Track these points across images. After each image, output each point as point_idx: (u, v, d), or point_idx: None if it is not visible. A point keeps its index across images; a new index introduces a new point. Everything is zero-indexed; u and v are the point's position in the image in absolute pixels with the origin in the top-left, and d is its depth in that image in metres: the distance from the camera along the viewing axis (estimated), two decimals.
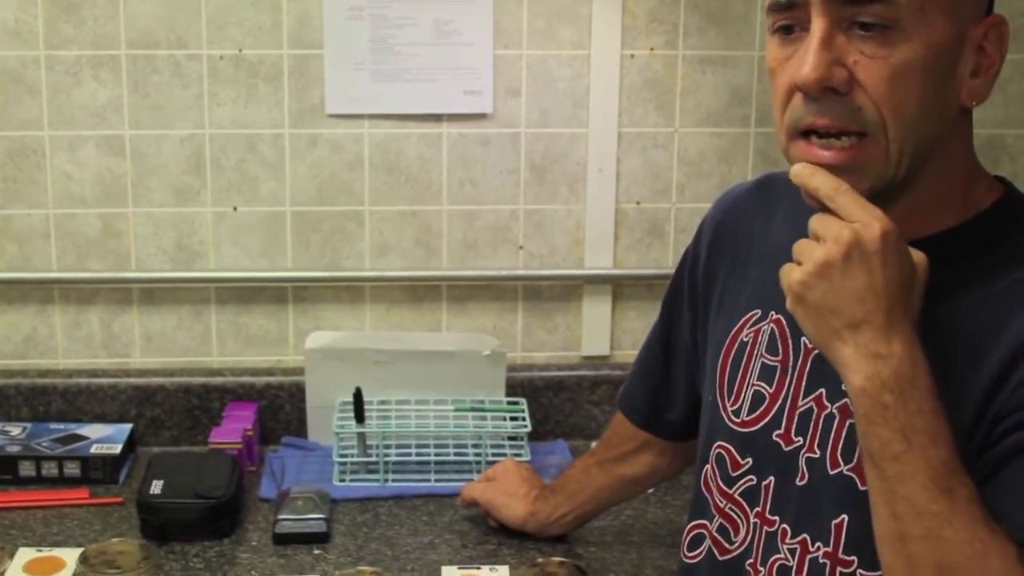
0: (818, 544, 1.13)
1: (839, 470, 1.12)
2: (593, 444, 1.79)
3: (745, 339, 1.24)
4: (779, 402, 1.18)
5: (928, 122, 1.03)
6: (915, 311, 1.02)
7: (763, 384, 1.21)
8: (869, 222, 1.00)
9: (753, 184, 1.34)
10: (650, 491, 1.83)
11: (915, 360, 0.99)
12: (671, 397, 1.49)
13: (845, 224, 1.01)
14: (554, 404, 2.11)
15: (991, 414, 1.01)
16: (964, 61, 1.04)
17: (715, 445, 1.25)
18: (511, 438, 1.99)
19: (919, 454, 0.97)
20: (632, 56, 2.03)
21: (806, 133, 1.05)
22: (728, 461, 1.23)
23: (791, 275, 1.03)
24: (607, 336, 2.14)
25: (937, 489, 0.97)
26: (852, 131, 1.03)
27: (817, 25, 1.01)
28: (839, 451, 1.12)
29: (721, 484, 1.24)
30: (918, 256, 1.03)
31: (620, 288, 2.13)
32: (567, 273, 2.11)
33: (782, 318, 1.20)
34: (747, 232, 1.28)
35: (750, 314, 1.24)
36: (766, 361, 1.21)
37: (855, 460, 1.10)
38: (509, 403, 2.04)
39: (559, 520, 1.70)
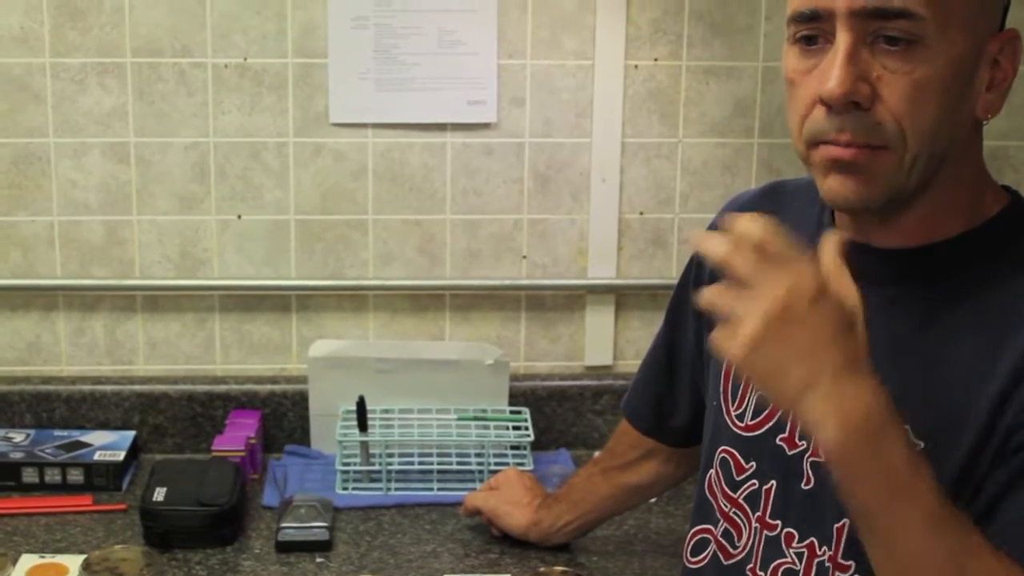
0: (824, 548, 1.13)
1: None
2: (596, 454, 1.79)
3: None
4: None
5: (944, 135, 1.03)
6: (865, 352, 0.96)
7: None
8: (800, 270, 0.95)
9: (759, 192, 1.34)
10: (653, 500, 1.83)
11: (883, 399, 0.95)
12: (675, 403, 1.50)
13: (781, 275, 0.94)
14: (557, 414, 2.11)
15: (1004, 423, 1.00)
16: (980, 75, 1.04)
17: (719, 450, 1.26)
18: (514, 447, 1.99)
19: (907, 499, 0.95)
20: (636, 66, 2.04)
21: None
22: (733, 465, 1.24)
23: (740, 332, 0.94)
24: (610, 346, 2.14)
25: (935, 534, 0.95)
26: (870, 146, 1.03)
27: (843, 39, 1.01)
28: None
29: (726, 488, 1.24)
30: (853, 295, 0.97)
31: (623, 298, 2.13)
32: (570, 283, 2.11)
33: None
34: None
35: None
36: None
37: None
38: (512, 412, 2.04)
39: (562, 529, 1.70)
